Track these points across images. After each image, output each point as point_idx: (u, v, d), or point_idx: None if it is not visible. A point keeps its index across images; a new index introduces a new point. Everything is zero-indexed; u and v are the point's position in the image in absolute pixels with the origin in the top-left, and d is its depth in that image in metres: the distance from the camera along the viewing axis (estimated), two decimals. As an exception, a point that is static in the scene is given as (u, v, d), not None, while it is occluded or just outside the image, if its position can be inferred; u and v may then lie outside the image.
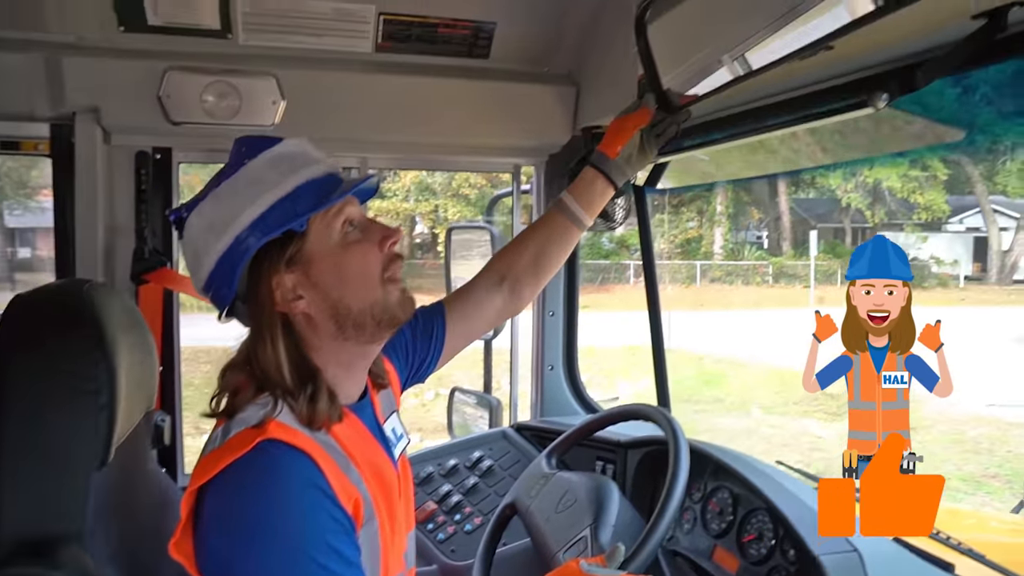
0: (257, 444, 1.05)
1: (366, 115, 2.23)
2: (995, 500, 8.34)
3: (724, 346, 15.18)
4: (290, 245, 1.17)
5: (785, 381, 13.07)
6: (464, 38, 2.24)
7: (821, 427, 10.75)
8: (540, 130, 2.37)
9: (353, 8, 2.11)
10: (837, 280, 24.61)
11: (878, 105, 1.06)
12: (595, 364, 13.91)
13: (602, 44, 2.19)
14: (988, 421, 10.69)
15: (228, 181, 1.18)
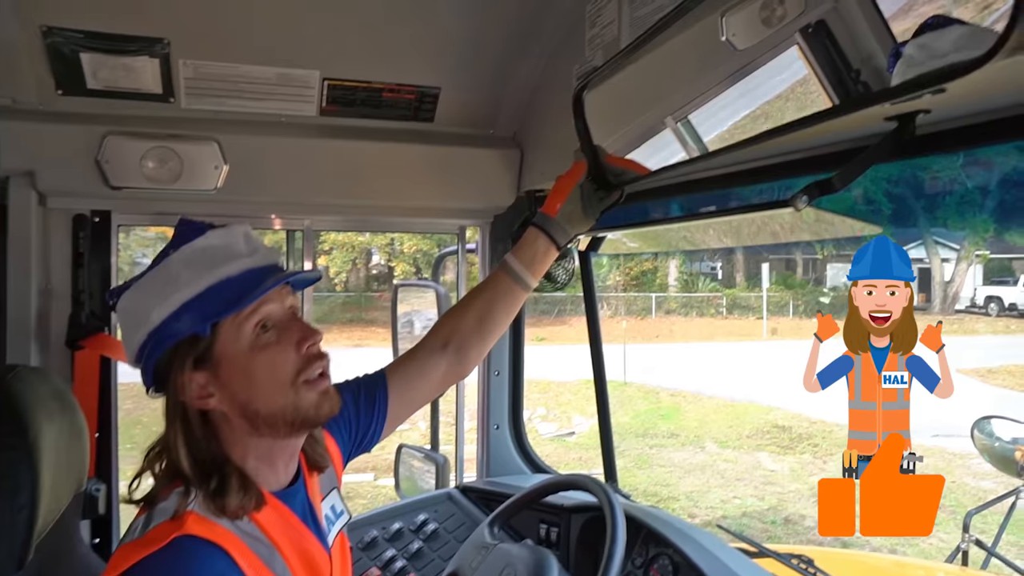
0: (172, 540, 1.04)
1: (311, 178, 2.23)
2: (941, 531, 8.51)
3: (679, 379, 15.32)
4: (198, 346, 1.15)
5: (739, 414, 13.24)
6: (409, 102, 2.27)
7: (774, 461, 10.89)
8: (485, 192, 2.40)
9: (297, 73, 2.12)
10: (789, 311, 25.10)
11: (798, 207, 1.11)
12: (552, 398, 13.94)
13: (544, 109, 2.24)
14: (934, 452, 10.94)
15: (150, 274, 1.18)
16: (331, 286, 24.90)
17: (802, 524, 8.52)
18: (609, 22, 1.84)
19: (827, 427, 12.28)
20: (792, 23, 1.20)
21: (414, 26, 2.06)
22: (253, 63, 2.06)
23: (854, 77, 1.14)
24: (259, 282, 1.17)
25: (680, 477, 10.22)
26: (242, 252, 1.19)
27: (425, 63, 2.18)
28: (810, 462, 10.82)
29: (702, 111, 1.56)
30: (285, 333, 1.20)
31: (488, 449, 2.57)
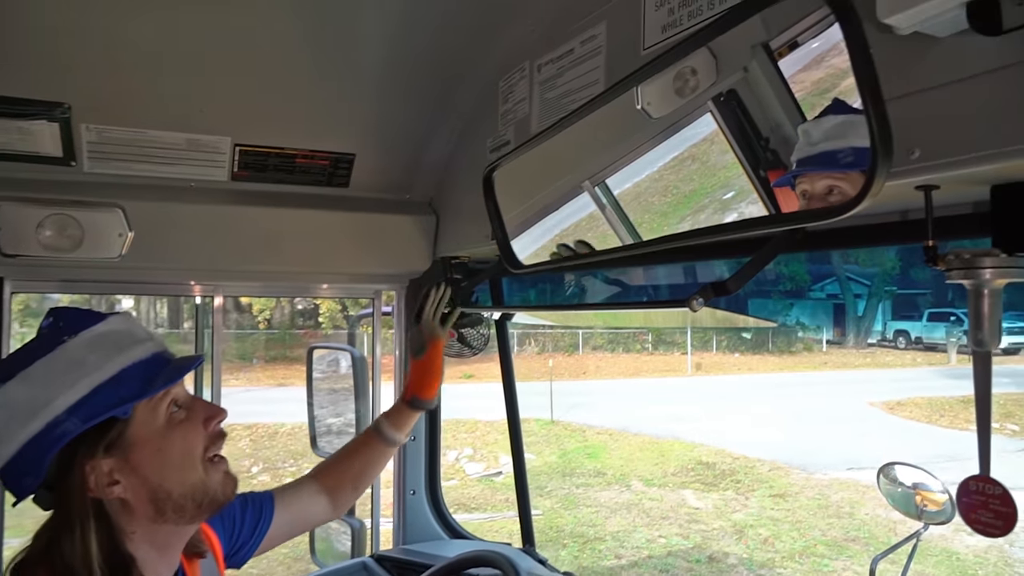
0: None
1: (221, 245, 2.19)
2: (855, 564, 8.77)
3: (605, 417, 15.46)
4: (110, 431, 1.13)
5: (664, 451, 13.42)
6: (323, 168, 2.25)
7: (698, 498, 11.05)
8: (401, 257, 2.39)
9: (207, 139, 2.08)
10: (712, 346, 25.73)
11: (694, 308, 1.14)
12: (479, 438, 13.85)
13: (459, 177, 2.25)
14: (848, 485, 11.31)
15: (42, 361, 1.13)
16: (254, 323, 24.33)
17: (725, 562, 8.65)
18: (521, 99, 1.88)
19: (749, 462, 12.58)
20: (704, 93, 1.25)
21: (328, 93, 2.06)
22: (161, 128, 2.02)
23: (763, 144, 1.20)
24: (165, 364, 1.20)
25: (606, 517, 10.26)
26: (144, 336, 1.22)
27: (339, 129, 2.18)
28: (733, 498, 11.03)
29: (619, 175, 1.61)
30: (193, 411, 1.23)
31: (404, 515, 2.53)
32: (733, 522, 10.01)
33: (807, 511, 10.40)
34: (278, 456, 13.03)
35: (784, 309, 28.71)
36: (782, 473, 12.04)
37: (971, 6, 0.73)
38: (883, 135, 0.74)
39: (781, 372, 22.50)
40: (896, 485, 3.73)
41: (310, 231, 2.27)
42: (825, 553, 9.00)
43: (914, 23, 0.80)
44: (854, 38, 0.75)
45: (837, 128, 1.01)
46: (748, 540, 9.36)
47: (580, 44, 1.62)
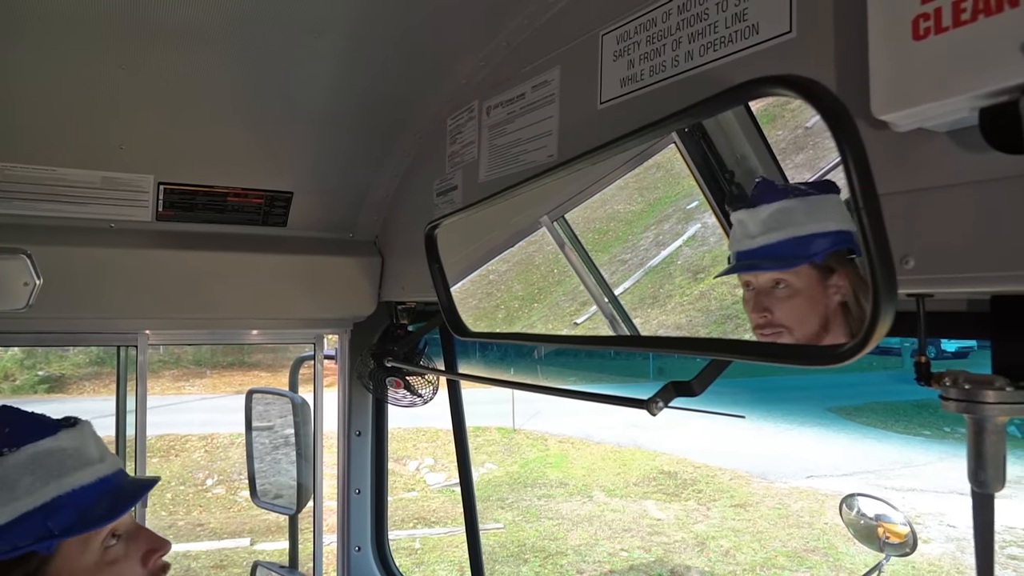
0: None
1: (146, 288, 1.99)
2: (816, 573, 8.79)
3: (567, 425, 15.38)
4: (29, 564, 1.01)
5: (625, 461, 13.37)
6: (258, 207, 2.08)
7: (660, 509, 11.00)
8: (344, 300, 2.22)
9: (127, 177, 1.90)
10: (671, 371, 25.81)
11: (653, 412, 1.03)
12: (440, 447, 13.68)
13: (405, 217, 2.10)
14: (808, 494, 11.37)
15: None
16: (210, 328, 23.78)
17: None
18: (469, 142, 1.74)
19: (711, 471, 12.58)
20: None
21: (262, 130, 1.89)
22: (73, 166, 1.83)
23: (728, 178, 1.15)
24: (113, 490, 1.08)
25: (568, 530, 10.15)
26: (93, 458, 1.10)
27: (275, 167, 2.01)
28: (695, 509, 11.01)
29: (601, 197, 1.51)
30: (133, 544, 1.11)
31: (349, 574, 2.36)
32: (695, 533, 9.98)
33: (768, 521, 10.42)
34: (234, 468, 12.70)
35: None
36: (743, 482, 12.06)
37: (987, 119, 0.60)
38: (886, 277, 0.60)
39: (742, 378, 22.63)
40: (859, 516, 3.68)
41: (245, 274, 2.10)
42: (785, 565, 9.00)
43: (916, 122, 0.67)
44: (855, 163, 0.62)
45: (774, 218, 0.94)
46: (710, 552, 9.33)
47: (532, 89, 1.48)
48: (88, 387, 17.78)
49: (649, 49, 1.16)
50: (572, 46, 1.36)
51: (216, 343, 1.99)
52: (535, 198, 1.49)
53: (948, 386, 0.77)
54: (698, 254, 1.33)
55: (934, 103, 0.63)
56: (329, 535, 2.45)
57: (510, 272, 1.66)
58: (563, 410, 16.56)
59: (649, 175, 1.39)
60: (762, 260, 0.95)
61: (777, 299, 0.95)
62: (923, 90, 0.65)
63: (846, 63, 0.82)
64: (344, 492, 2.36)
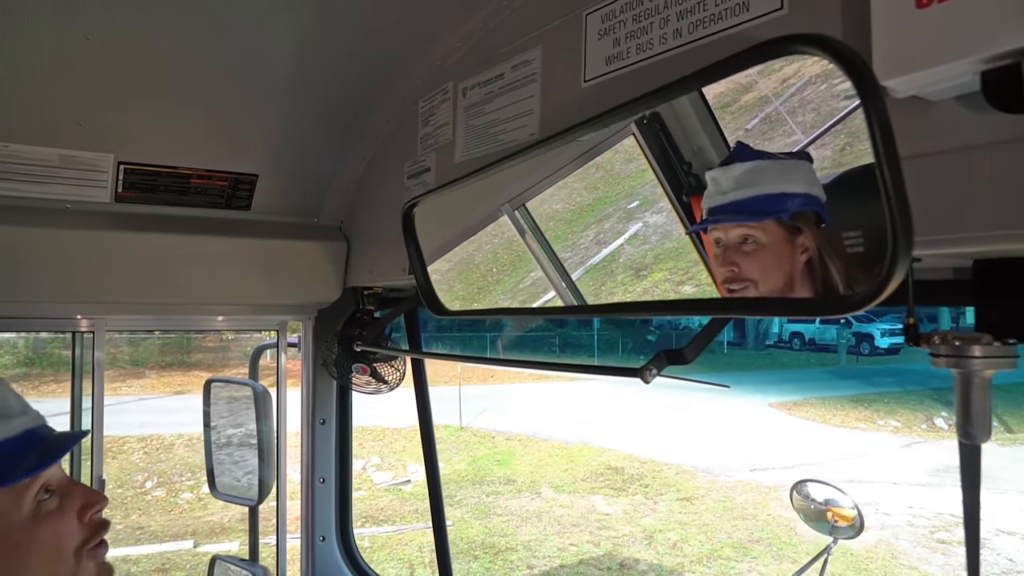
0: None
1: (104, 272, 1.93)
2: (760, 564, 9.01)
3: (514, 422, 15.42)
4: None
5: (573, 457, 13.48)
6: (221, 189, 2.03)
7: (608, 504, 11.13)
8: (308, 286, 2.19)
9: (86, 156, 1.83)
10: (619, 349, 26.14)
11: (646, 379, 1.05)
12: (387, 446, 13.57)
13: (373, 201, 2.08)
14: (752, 487, 11.65)
15: None
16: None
17: (636, 569, 8.72)
18: (443, 123, 1.73)
19: (657, 466, 12.77)
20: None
21: (227, 110, 1.85)
22: (27, 143, 1.76)
23: (686, 169, 1.16)
24: (38, 443, 1.05)
25: (517, 526, 10.18)
26: (16, 410, 1.07)
27: (240, 148, 1.97)
28: (642, 503, 11.16)
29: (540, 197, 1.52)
30: (68, 499, 1.07)
31: (313, 564, 2.33)
32: (642, 527, 10.12)
33: (713, 514, 10.63)
34: (174, 469, 12.36)
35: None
36: (689, 476, 12.28)
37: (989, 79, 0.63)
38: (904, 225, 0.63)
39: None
40: (809, 502, 3.79)
41: (207, 258, 2.05)
42: (731, 555, 9.20)
43: (914, 88, 0.70)
44: (879, 124, 0.65)
45: (747, 175, 0.97)
46: (657, 545, 9.48)
47: (511, 69, 1.49)
48: (17, 390, 17.10)
49: (636, 27, 1.18)
50: (554, 25, 1.37)
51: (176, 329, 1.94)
52: (509, 179, 1.50)
53: (938, 344, 0.81)
54: (640, 252, 1.35)
55: (938, 67, 0.67)
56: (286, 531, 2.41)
57: (487, 251, 1.66)
58: (509, 408, 16.61)
59: (589, 175, 1.41)
60: (732, 214, 0.98)
61: (744, 254, 0.97)
62: (927, 55, 0.68)
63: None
64: (308, 481, 2.33)
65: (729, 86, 1.05)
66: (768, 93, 1.03)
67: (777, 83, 1.01)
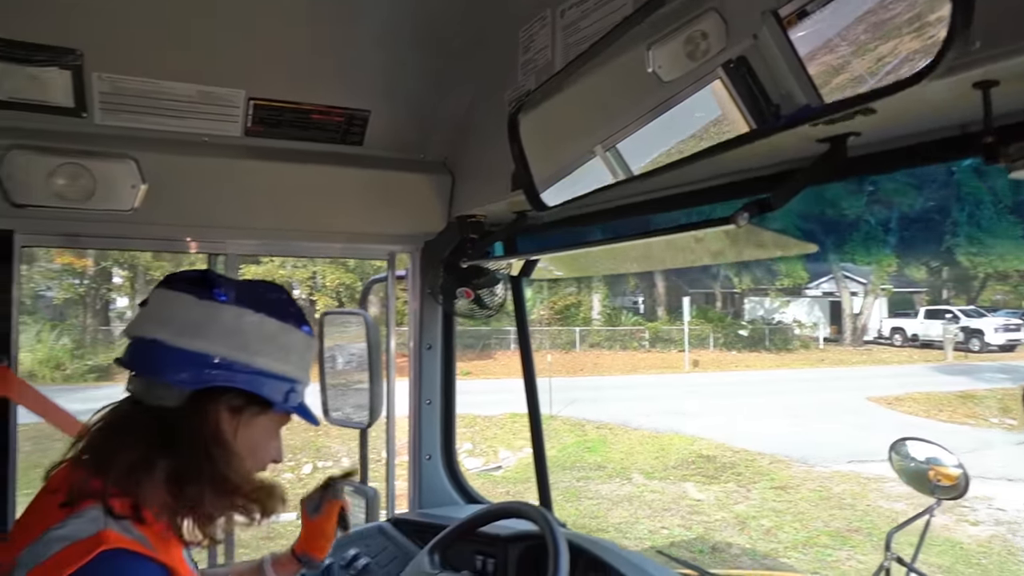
0: (101, 552, 1.01)
1: (234, 200, 2.14)
2: (858, 553, 8.75)
3: (604, 412, 15.43)
4: (255, 408, 1.26)
5: (664, 445, 13.39)
6: (337, 125, 2.21)
7: (699, 490, 11.02)
8: (415, 217, 2.35)
9: (221, 92, 2.04)
10: (709, 344, 25.69)
11: (739, 223, 1.12)
12: (478, 433, 13.82)
13: (477, 134, 2.21)
14: (850, 477, 11.29)
15: (279, 324, 1.28)
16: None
17: (729, 552, 8.62)
18: (543, 47, 1.84)
19: (750, 456, 12.55)
20: (715, 58, 1.22)
21: (343, 47, 2.02)
22: (174, 79, 1.97)
23: (774, 112, 1.17)
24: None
25: (608, 509, 10.22)
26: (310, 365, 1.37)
27: (354, 85, 2.14)
28: (735, 490, 11.00)
29: (631, 140, 1.57)
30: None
31: (420, 480, 2.49)
32: (735, 513, 9.99)
33: (809, 503, 10.38)
34: (276, 451, 12.93)
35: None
36: (783, 466, 12.02)
37: None
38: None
39: (779, 369, 22.49)
40: (908, 461, 3.69)
41: (324, 189, 2.23)
42: (828, 544, 8.98)
43: None
44: None
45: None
46: (751, 531, 9.34)
47: (609, -15, 1.58)
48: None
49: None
50: None
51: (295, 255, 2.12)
52: (589, 127, 1.55)
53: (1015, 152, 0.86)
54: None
55: None
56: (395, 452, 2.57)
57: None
58: (600, 397, 16.62)
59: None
60: None
61: None
62: None
63: None
64: (416, 403, 2.49)
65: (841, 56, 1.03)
66: None
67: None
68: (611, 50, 1.39)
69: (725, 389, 18.60)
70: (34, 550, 1.02)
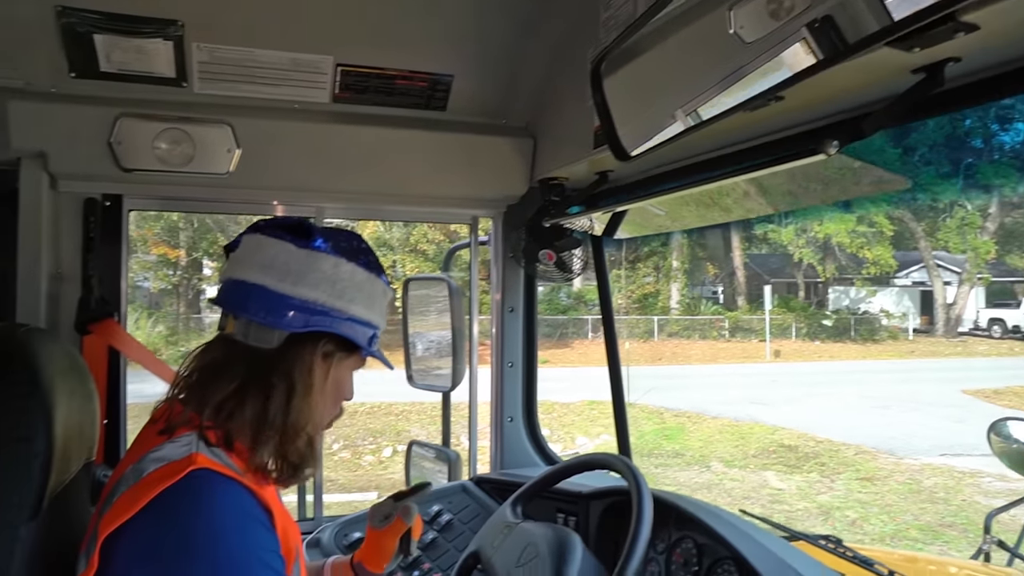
0: (190, 472, 1.06)
1: (323, 164, 2.21)
2: (952, 549, 8.39)
3: (683, 400, 15.24)
4: (342, 353, 1.33)
5: (744, 434, 13.14)
6: (421, 90, 2.26)
7: (780, 480, 10.78)
8: (498, 181, 2.38)
9: (310, 59, 2.11)
10: (791, 333, 25.04)
11: (828, 152, 1.08)
12: (555, 419, 13.85)
13: (558, 97, 2.22)
14: (942, 471, 10.84)
15: (367, 276, 1.33)
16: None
17: (812, 542, 8.40)
18: (622, 3, 1.84)
19: (834, 446, 12.19)
20: (799, 17, 1.16)
21: (427, 12, 2.06)
22: (266, 47, 2.05)
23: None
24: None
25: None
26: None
27: (438, 50, 2.18)
28: (817, 480, 10.72)
29: (712, 105, 1.55)
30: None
31: (502, 442, 2.53)
32: (818, 503, 9.74)
33: (897, 495, 10.03)
34: (358, 434, 13.31)
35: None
36: (869, 457, 11.63)
37: None
38: None
39: (864, 360, 21.77)
40: (1010, 442, 3.50)
41: (408, 153, 2.28)
42: (918, 537, 8.65)
43: None
44: None
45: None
46: (835, 521, 9.09)
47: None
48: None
49: None
50: None
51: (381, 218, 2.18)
52: (669, 89, 1.53)
53: None
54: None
55: None
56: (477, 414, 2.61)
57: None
58: (678, 386, 16.42)
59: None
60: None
61: None
62: None
63: None
64: (498, 366, 2.53)
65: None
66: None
67: None
68: (692, 11, 1.38)
69: (808, 379, 18.11)
70: (135, 468, 1.10)
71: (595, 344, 22.06)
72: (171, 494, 1.03)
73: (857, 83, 1.25)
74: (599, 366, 2.50)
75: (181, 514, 1.03)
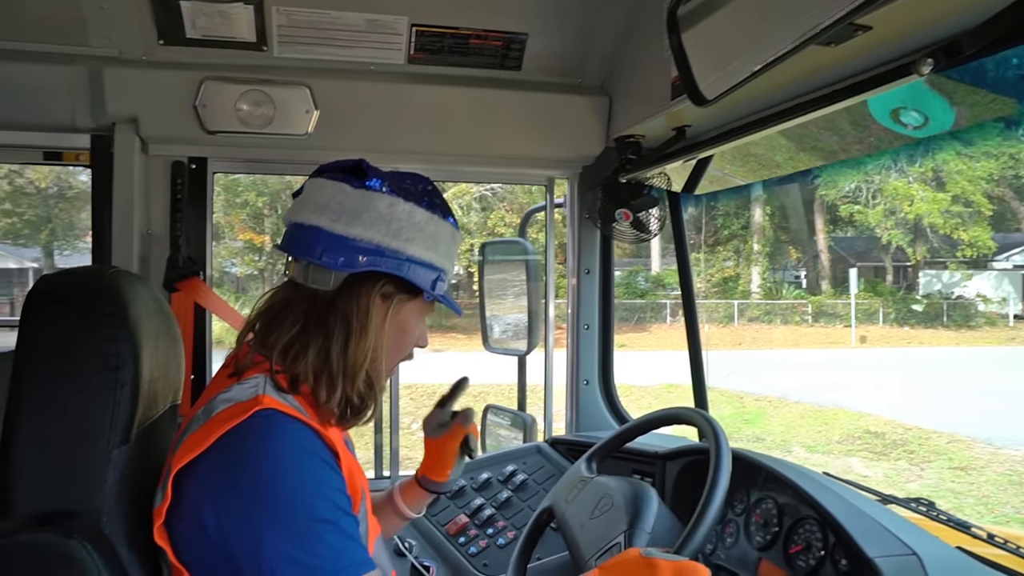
0: (256, 412, 1.09)
1: (398, 125, 2.23)
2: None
3: (763, 384, 14.87)
4: (409, 295, 1.32)
5: (827, 420, 12.74)
6: (496, 49, 2.25)
7: (866, 467, 10.41)
8: (573, 141, 2.35)
9: (386, 19, 2.13)
10: (879, 319, 24.12)
11: (922, 71, 1.01)
12: (633, 402, 13.73)
13: (634, 54, 2.18)
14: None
15: (429, 217, 1.31)
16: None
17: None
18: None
19: (923, 433, 11.70)
20: None
21: None
22: (343, 9, 2.08)
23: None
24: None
25: (767, 482, 9.86)
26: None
27: (512, 8, 2.16)
28: (906, 468, 10.32)
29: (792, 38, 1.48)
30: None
31: (577, 405, 2.51)
32: (907, 492, 9.32)
33: (995, 486, 9.54)
34: (434, 415, 13.48)
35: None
36: (963, 446, 11.10)
37: None
38: None
39: (958, 346, 20.79)
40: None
41: (483, 113, 2.28)
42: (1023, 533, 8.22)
43: None
44: None
45: None
46: (925, 510, 8.70)
47: None
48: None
49: None
50: None
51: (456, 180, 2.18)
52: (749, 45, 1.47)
53: None
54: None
55: None
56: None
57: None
58: (758, 371, 16.03)
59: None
60: None
61: None
62: None
63: None
64: (574, 328, 2.51)
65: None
66: None
67: None
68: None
69: (896, 366, 17.42)
70: (206, 408, 1.14)
71: (673, 328, 21.76)
72: (237, 433, 1.07)
73: (948, 7, 1.16)
74: (677, 350, 2.44)
75: (246, 452, 1.06)
